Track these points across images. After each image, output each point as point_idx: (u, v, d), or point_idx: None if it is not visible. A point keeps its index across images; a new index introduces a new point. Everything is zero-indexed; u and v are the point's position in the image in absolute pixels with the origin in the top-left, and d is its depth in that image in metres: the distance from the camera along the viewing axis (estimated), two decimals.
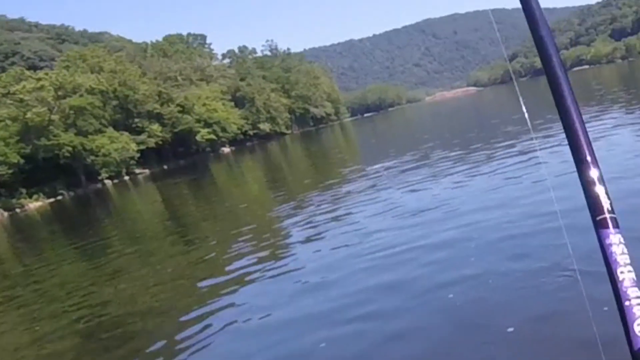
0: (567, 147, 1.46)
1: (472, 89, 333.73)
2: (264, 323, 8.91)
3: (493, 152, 21.54)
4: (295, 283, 10.79)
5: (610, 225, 1.52)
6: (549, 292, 7.37)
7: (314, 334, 7.99)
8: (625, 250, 1.53)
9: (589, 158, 1.62)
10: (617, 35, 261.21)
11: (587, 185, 1.60)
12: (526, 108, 1.88)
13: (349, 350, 7.31)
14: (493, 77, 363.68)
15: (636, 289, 1.47)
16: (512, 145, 21.66)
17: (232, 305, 10.29)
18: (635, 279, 1.38)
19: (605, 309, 6.26)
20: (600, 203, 1.55)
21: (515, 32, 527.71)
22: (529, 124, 2.15)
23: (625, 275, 1.47)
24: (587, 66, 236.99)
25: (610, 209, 1.54)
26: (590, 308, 6.07)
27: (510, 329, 6.70)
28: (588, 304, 5.84)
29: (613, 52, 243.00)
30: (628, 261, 1.49)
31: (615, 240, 1.51)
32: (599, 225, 1.53)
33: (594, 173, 1.59)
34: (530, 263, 8.57)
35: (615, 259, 1.47)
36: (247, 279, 11.58)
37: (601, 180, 1.59)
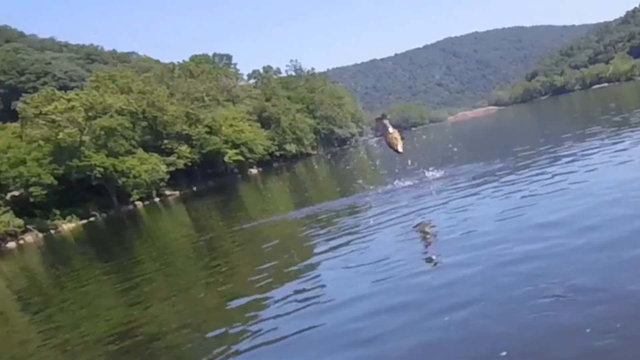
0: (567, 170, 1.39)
1: (494, 108, 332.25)
2: (284, 345, 9.46)
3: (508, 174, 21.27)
4: (313, 305, 11.23)
5: None
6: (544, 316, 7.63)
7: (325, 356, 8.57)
8: None
9: None
10: (636, 52, 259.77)
11: None
12: (547, 126, 1.94)
13: None
14: (514, 96, 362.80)
15: None
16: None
17: (258, 329, 10.61)
18: None
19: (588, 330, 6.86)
20: None
21: (534, 50, 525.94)
22: None
23: None
24: (606, 84, 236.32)
25: None
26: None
27: (503, 353, 7.00)
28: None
29: (632, 69, 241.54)
30: None
31: None
32: None
33: None
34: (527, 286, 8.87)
35: None
36: (280, 307, 11.73)
37: None
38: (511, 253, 10.68)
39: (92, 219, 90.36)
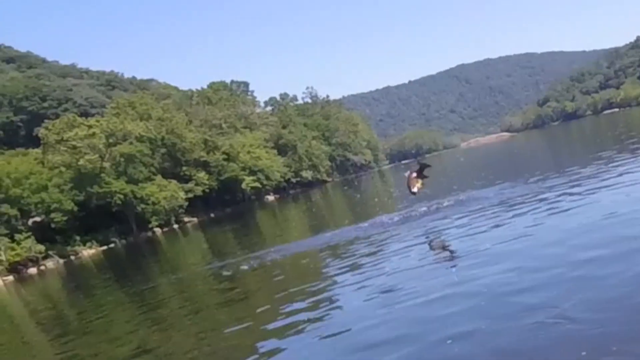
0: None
1: (506, 134, 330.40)
2: None
3: (516, 203, 21.36)
4: (324, 332, 11.26)
5: None
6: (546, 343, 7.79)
7: None
8: None
9: None
10: None
11: None
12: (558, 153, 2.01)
13: None
14: (526, 122, 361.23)
15: None
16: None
17: (268, 351, 10.98)
18: None
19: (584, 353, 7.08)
20: None
21: (545, 76, 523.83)
22: None
23: None
24: (617, 109, 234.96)
25: None
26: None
27: None
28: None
29: None
30: None
31: None
32: None
33: None
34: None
35: None
36: (290, 333, 11.87)
37: None
38: (514, 282, 10.90)
39: (111, 245, 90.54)
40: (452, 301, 10.90)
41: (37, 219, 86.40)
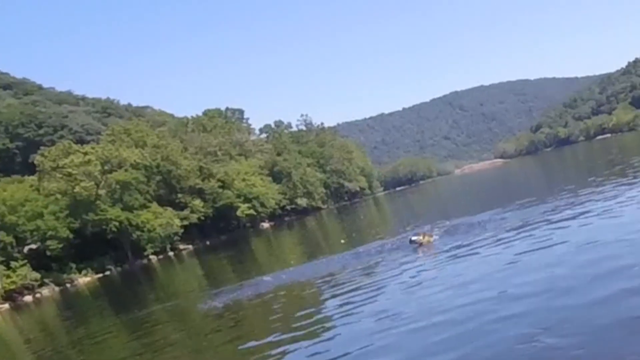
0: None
1: (499, 160, 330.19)
2: None
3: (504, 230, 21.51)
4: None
5: None
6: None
7: None
8: None
9: None
10: (638, 102, 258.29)
11: None
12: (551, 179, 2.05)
13: None
14: (519, 149, 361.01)
15: None
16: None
17: None
18: None
19: None
20: None
21: (538, 102, 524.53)
22: None
23: None
24: (609, 134, 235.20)
25: None
26: None
27: None
28: None
29: (634, 119, 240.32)
30: None
31: None
32: None
33: None
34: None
35: None
36: (280, 354, 12.09)
37: None
38: (498, 309, 11.28)
39: (107, 272, 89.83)
40: (441, 328, 11.18)
41: (33, 246, 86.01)
